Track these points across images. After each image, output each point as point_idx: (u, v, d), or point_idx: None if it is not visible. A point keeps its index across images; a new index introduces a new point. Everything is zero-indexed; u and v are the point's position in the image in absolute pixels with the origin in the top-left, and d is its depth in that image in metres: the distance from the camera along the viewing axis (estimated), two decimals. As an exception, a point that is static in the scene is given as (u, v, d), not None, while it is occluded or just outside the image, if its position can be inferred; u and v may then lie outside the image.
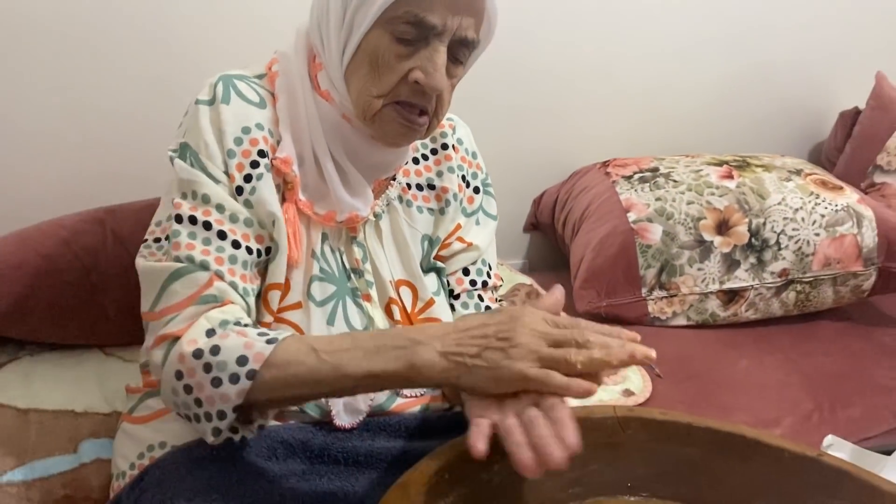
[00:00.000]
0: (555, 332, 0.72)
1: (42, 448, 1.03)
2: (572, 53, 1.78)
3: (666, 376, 1.39)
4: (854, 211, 1.60)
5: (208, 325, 0.76)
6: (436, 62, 0.81)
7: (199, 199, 0.82)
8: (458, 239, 1.01)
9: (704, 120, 2.00)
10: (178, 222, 0.82)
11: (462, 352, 0.71)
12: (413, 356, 0.72)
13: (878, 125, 1.98)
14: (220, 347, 0.74)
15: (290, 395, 0.76)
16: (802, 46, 2.04)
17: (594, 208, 1.67)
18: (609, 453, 0.80)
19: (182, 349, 0.75)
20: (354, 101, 0.85)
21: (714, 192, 1.61)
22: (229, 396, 0.73)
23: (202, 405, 0.74)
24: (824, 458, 0.78)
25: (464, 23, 0.81)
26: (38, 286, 1.15)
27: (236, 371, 0.73)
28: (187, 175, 0.83)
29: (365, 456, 0.87)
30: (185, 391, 0.74)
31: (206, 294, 0.79)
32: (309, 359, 0.73)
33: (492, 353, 0.71)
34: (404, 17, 0.79)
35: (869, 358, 1.53)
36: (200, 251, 0.80)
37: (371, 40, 0.82)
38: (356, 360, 0.73)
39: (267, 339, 0.74)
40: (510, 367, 0.69)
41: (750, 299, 1.59)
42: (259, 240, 0.85)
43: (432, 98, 0.85)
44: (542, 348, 0.70)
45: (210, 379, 0.73)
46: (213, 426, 0.74)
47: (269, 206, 0.84)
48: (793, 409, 1.35)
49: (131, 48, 1.39)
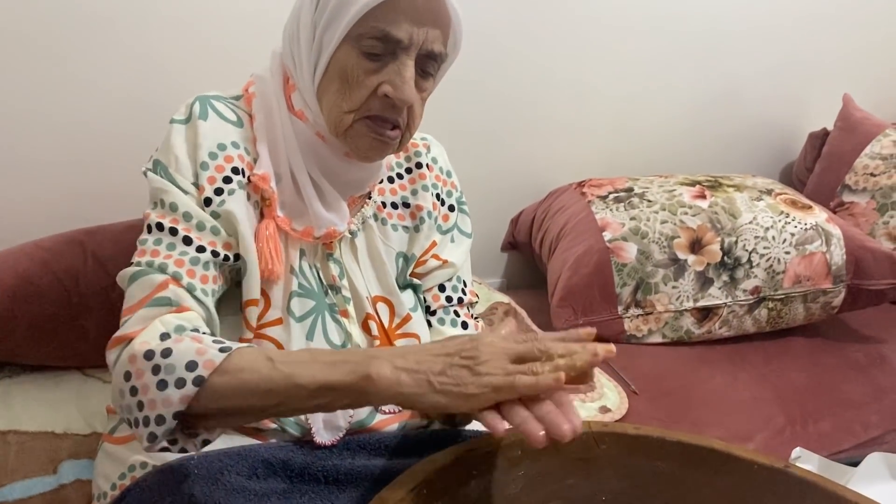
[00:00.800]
0: (516, 347, 0.73)
1: (21, 469, 1.02)
2: (547, 76, 1.81)
3: (642, 393, 1.41)
4: (823, 229, 1.64)
5: (163, 329, 0.76)
6: (404, 75, 0.83)
7: (167, 207, 0.84)
8: (433, 256, 1.03)
9: (677, 141, 2.03)
10: (148, 231, 0.83)
11: (424, 369, 0.71)
12: (368, 368, 0.71)
13: (846, 146, 2.03)
14: (171, 350, 0.72)
15: (240, 404, 0.73)
16: (772, 70, 2.09)
17: (570, 227, 1.69)
18: (584, 467, 0.82)
19: (133, 350, 0.74)
20: (326, 117, 0.87)
21: (687, 211, 1.64)
22: (172, 401, 0.70)
23: (143, 408, 0.72)
24: (791, 470, 0.80)
25: (430, 36, 0.83)
26: (17, 308, 1.15)
27: (183, 376, 0.71)
28: (158, 185, 0.85)
29: (345, 474, 0.87)
30: (131, 393, 0.73)
31: (160, 296, 0.78)
32: (263, 367, 0.72)
33: (457, 370, 0.71)
34: (371, 32, 0.81)
35: (839, 373, 1.56)
36: (163, 256, 0.81)
37: (340, 57, 0.84)
38: (311, 371, 0.72)
39: (220, 347, 0.73)
40: (478, 382, 0.70)
41: (723, 316, 1.62)
42: (226, 247, 0.85)
43: (403, 111, 0.86)
44: (507, 364, 0.71)
45: (156, 381, 0.71)
46: (150, 431, 0.71)
47: (237, 222, 0.85)
48: (765, 424, 1.37)
49: (109, 66, 1.39)
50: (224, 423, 0.77)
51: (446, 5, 0.84)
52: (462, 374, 0.71)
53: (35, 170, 1.39)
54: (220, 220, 0.85)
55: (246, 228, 0.86)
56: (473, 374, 0.70)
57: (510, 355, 0.72)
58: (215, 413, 0.73)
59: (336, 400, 0.74)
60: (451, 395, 0.70)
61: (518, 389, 0.69)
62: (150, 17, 1.40)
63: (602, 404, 1.31)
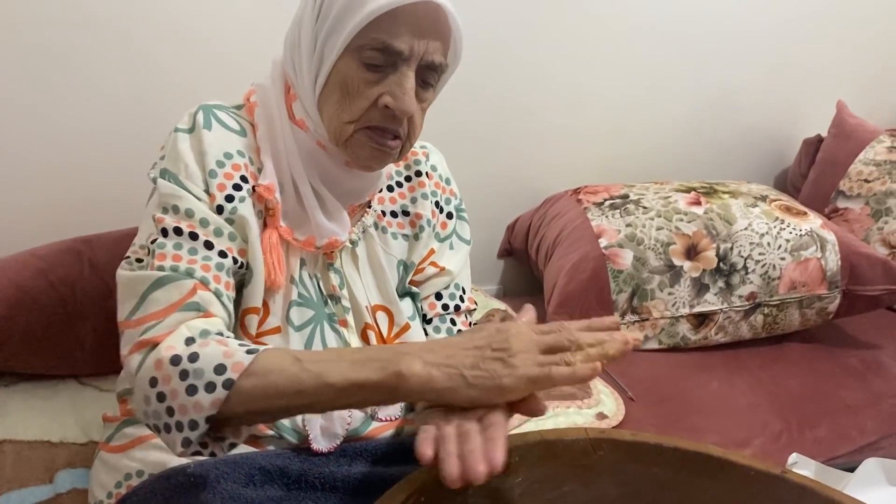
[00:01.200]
0: (545, 337, 0.74)
1: (17, 479, 1.02)
2: (544, 83, 1.82)
3: (638, 399, 1.42)
4: (818, 235, 1.64)
5: (188, 334, 0.75)
6: (404, 86, 0.84)
7: (183, 213, 0.83)
8: (431, 264, 1.03)
9: (673, 148, 2.04)
10: (164, 235, 0.82)
11: (455, 363, 0.71)
12: (398, 365, 0.71)
13: (840, 152, 2.04)
14: (198, 355, 0.72)
15: (269, 406, 0.73)
16: (766, 76, 2.10)
17: (566, 234, 1.70)
18: (582, 474, 0.82)
19: (160, 355, 0.73)
20: (327, 127, 0.87)
21: (682, 218, 1.65)
22: (203, 406, 0.70)
23: (174, 414, 0.71)
24: (788, 476, 0.80)
25: (430, 47, 0.84)
26: (14, 317, 1.15)
27: (213, 380, 0.71)
28: (170, 191, 0.84)
29: (342, 481, 0.87)
30: (158, 399, 0.72)
31: (190, 302, 0.78)
32: (292, 367, 0.72)
33: (490, 363, 0.71)
34: (371, 43, 0.82)
35: (835, 379, 1.56)
36: (186, 261, 0.81)
37: (341, 68, 0.84)
38: (339, 370, 0.72)
39: (247, 350, 0.73)
40: (513, 374, 0.70)
41: (719, 322, 1.62)
42: (241, 253, 0.85)
43: (403, 122, 0.87)
44: (539, 356, 0.72)
45: (185, 387, 0.71)
46: (184, 437, 0.71)
47: (249, 229, 0.85)
48: (762, 429, 1.38)
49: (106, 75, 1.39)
50: (251, 423, 0.77)
51: (447, 17, 0.84)
52: (496, 367, 0.71)
53: (31, 177, 1.39)
54: (234, 227, 0.85)
55: (254, 236, 0.86)
56: (507, 366, 0.71)
57: (540, 346, 0.73)
58: (243, 415, 0.73)
59: (367, 398, 0.73)
60: (486, 389, 0.71)
61: (555, 380, 0.70)
62: (147, 29, 1.40)
63: (599, 410, 1.31)
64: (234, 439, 0.76)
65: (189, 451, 0.72)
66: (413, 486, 0.73)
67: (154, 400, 0.72)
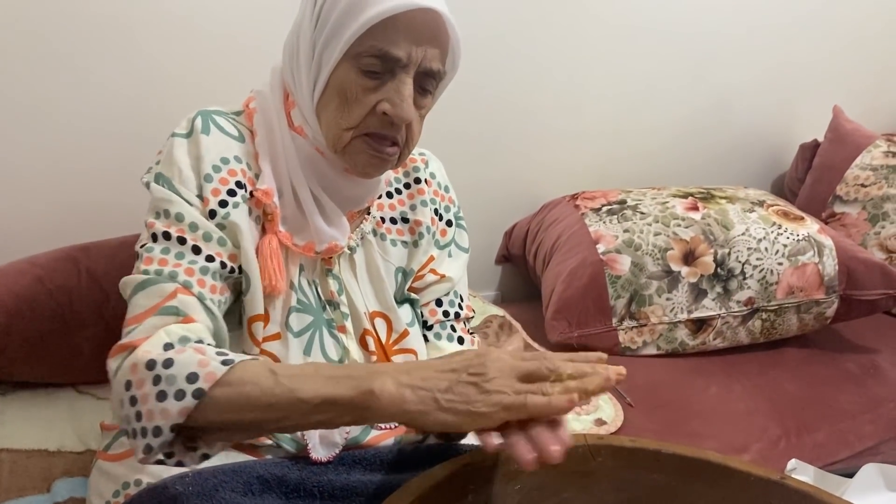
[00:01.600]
0: (524, 364, 0.73)
1: (15, 488, 1.02)
2: (541, 90, 1.83)
3: (637, 405, 1.42)
4: (815, 240, 1.65)
5: (167, 339, 0.75)
6: (402, 93, 0.84)
7: (173, 217, 0.83)
8: (431, 271, 1.04)
9: (670, 154, 2.05)
10: (154, 240, 0.83)
11: (429, 386, 0.70)
12: (371, 384, 0.70)
13: (836, 157, 2.05)
14: (173, 361, 0.71)
15: (240, 419, 0.72)
16: (763, 82, 2.12)
17: (564, 240, 1.70)
18: (581, 480, 0.82)
19: (136, 359, 0.73)
20: (325, 134, 0.88)
21: (680, 223, 1.65)
22: (170, 413, 0.69)
23: (141, 419, 0.70)
24: (787, 481, 0.80)
25: (428, 54, 0.84)
26: (12, 325, 1.15)
27: (183, 388, 0.70)
28: (162, 195, 0.84)
29: (341, 490, 0.86)
30: (131, 403, 0.71)
31: (168, 305, 0.78)
32: (265, 381, 0.71)
33: (464, 387, 0.70)
34: (370, 51, 0.82)
35: (833, 384, 1.57)
36: (172, 265, 0.81)
37: (339, 75, 0.85)
38: (313, 386, 0.71)
39: (223, 360, 0.72)
40: (487, 400, 0.69)
41: (717, 328, 1.62)
42: (232, 258, 0.85)
43: (401, 128, 0.87)
44: (516, 383, 0.71)
45: (156, 392, 0.70)
46: (146, 443, 0.70)
47: (241, 235, 0.85)
48: (761, 435, 1.38)
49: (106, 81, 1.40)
50: (225, 438, 0.76)
51: (445, 24, 0.84)
52: (470, 392, 0.70)
53: (28, 184, 1.39)
54: (225, 232, 0.85)
55: (248, 243, 0.86)
56: (482, 391, 0.70)
57: (518, 373, 0.72)
58: (216, 426, 0.72)
59: (338, 416, 0.72)
60: (459, 414, 0.70)
61: (529, 410, 0.69)
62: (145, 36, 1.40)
63: (597, 417, 1.32)
64: (207, 450, 0.74)
65: (150, 458, 0.71)
66: (412, 494, 0.73)
67: (127, 403, 0.72)
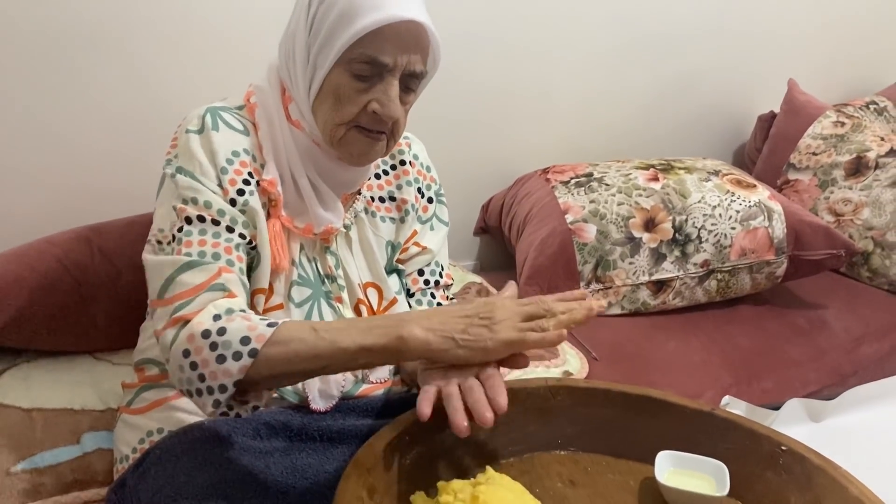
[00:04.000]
0: (525, 308, 0.86)
1: (48, 441, 1.14)
2: (511, 71, 1.92)
3: (602, 359, 1.54)
4: (765, 206, 1.77)
5: (216, 311, 0.86)
6: (390, 94, 0.94)
7: (202, 204, 0.93)
8: (414, 244, 1.14)
9: (635, 128, 2.15)
10: (188, 223, 0.92)
11: (449, 329, 0.83)
12: (401, 330, 0.82)
13: (791, 127, 2.17)
14: (225, 329, 0.83)
15: (291, 369, 0.83)
16: (722, 56, 2.21)
17: (536, 212, 1.81)
18: (542, 416, 0.95)
19: (192, 330, 0.84)
20: (322, 129, 0.98)
21: (641, 193, 1.78)
22: (231, 372, 0.81)
23: (205, 380, 0.82)
24: (717, 412, 0.93)
25: (412, 59, 0.94)
26: (34, 299, 1.25)
27: (239, 350, 0.81)
28: (188, 185, 0.94)
29: (337, 433, 0.99)
30: (191, 367, 0.83)
31: (215, 283, 0.88)
32: (309, 336, 0.83)
33: (477, 329, 0.83)
34: (360, 57, 0.92)
35: (783, 337, 1.69)
36: (211, 244, 0.91)
37: (333, 78, 0.94)
38: (351, 336, 0.82)
39: (268, 324, 0.84)
40: (495, 338, 0.82)
41: (676, 288, 1.75)
42: (253, 237, 0.96)
43: (389, 124, 0.97)
44: (518, 322, 0.84)
45: (215, 356, 0.81)
46: (214, 398, 0.82)
47: (258, 218, 0.96)
48: (714, 383, 1.50)
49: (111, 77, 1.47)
50: (274, 386, 0.89)
51: (426, 32, 0.94)
52: (482, 332, 0.83)
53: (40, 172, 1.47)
54: (246, 216, 0.95)
55: (262, 225, 0.97)
56: (491, 331, 0.83)
57: (521, 315, 0.85)
58: (268, 379, 0.84)
59: (374, 359, 0.85)
60: (473, 350, 0.82)
61: (528, 343, 0.83)
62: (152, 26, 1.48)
63: (565, 370, 1.44)
64: (257, 402, 0.87)
65: (218, 411, 0.84)
66: (400, 428, 0.85)
67: (188, 368, 0.83)
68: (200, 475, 0.90)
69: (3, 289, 1.23)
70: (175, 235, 0.93)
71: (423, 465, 0.86)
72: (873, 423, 1.24)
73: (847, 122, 2.12)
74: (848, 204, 2.01)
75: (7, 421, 1.16)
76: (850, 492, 0.81)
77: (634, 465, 0.93)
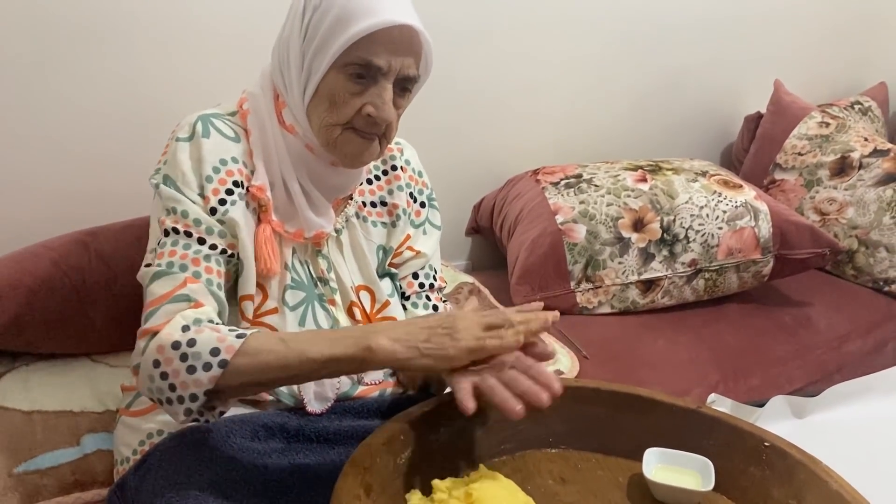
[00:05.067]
0: (485, 318, 0.88)
1: (48, 442, 1.15)
2: (502, 75, 1.94)
3: (592, 357, 1.56)
4: (751, 206, 1.81)
5: (184, 322, 0.87)
6: (384, 97, 0.96)
7: (180, 214, 0.96)
8: (408, 248, 1.16)
9: (624, 130, 2.17)
10: (166, 235, 0.95)
11: (413, 339, 0.86)
12: (369, 341, 0.84)
13: (777, 128, 2.21)
14: (195, 340, 0.85)
15: (260, 379, 0.87)
16: (709, 57, 2.23)
17: (526, 212, 1.83)
18: (533, 415, 0.92)
19: (161, 341, 0.86)
20: (316, 131, 0.99)
21: (630, 194, 1.80)
22: (202, 382, 0.84)
23: (176, 390, 0.85)
24: (703, 410, 0.97)
25: (405, 62, 0.96)
26: (32, 303, 1.26)
27: (209, 360, 0.84)
28: (170, 195, 0.96)
29: (334, 434, 1.01)
30: (161, 377, 0.85)
31: (179, 294, 0.90)
32: (278, 347, 0.85)
33: (439, 337, 0.86)
34: (355, 61, 0.93)
35: (769, 335, 1.72)
36: (179, 255, 0.93)
37: (328, 82, 0.96)
38: (319, 347, 0.85)
39: (237, 335, 0.86)
40: (456, 346, 0.85)
41: (665, 287, 1.78)
42: (231, 246, 0.98)
43: (382, 126, 0.99)
44: (479, 332, 0.87)
45: (185, 367, 0.84)
46: (186, 407, 0.85)
47: (238, 228, 0.97)
48: (701, 380, 1.54)
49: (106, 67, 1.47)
50: (243, 394, 0.92)
51: (419, 36, 0.96)
52: (443, 341, 0.86)
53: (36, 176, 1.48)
54: (224, 226, 0.97)
55: (245, 234, 0.98)
56: (452, 339, 0.85)
57: (481, 325, 0.87)
58: (237, 388, 0.87)
59: (341, 369, 0.89)
60: (435, 357, 0.85)
61: (487, 350, 0.86)
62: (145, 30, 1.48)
63: (556, 368, 1.46)
64: (223, 408, 0.90)
65: (189, 419, 0.87)
66: (396, 427, 0.88)
67: (157, 378, 0.86)
68: (200, 476, 0.92)
69: (0, 293, 1.24)
70: (156, 248, 0.96)
71: (418, 464, 0.88)
72: (854, 419, 1.27)
73: (832, 123, 2.15)
74: (833, 203, 2.04)
75: (8, 423, 1.18)
76: (830, 486, 0.84)
77: (623, 462, 0.96)
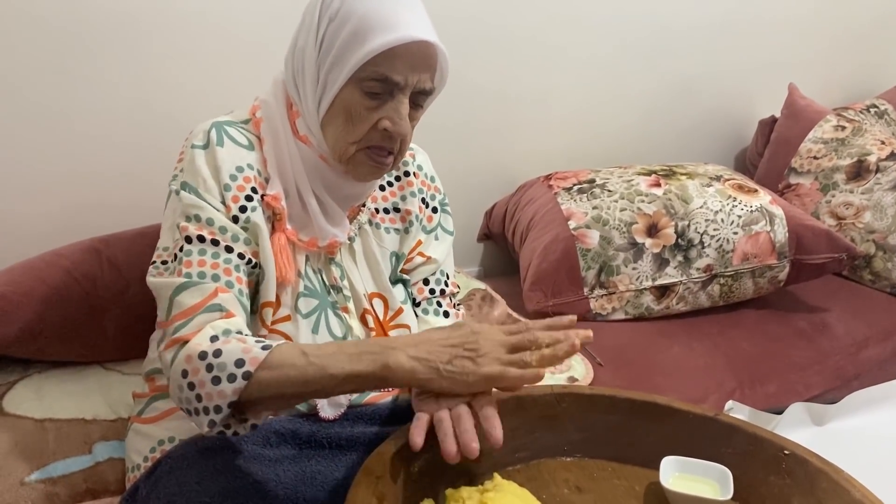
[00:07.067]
0: (511, 339, 0.87)
1: (60, 451, 1.15)
2: (515, 80, 1.94)
3: (606, 364, 1.55)
4: (767, 211, 1.79)
5: (213, 332, 0.87)
6: (401, 112, 0.95)
7: (204, 221, 0.95)
8: (419, 254, 1.16)
9: (635, 134, 2.17)
10: (188, 242, 0.94)
11: (434, 359, 0.85)
12: (387, 359, 0.84)
13: (792, 132, 2.19)
14: (221, 351, 0.84)
15: (282, 392, 0.85)
16: (722, 62, 2.23)
17: (539, 218, 1.82)
18: (548, 423, 0.96)
19: (189, 351, 0.86)
20: (331, 147, 0.99)
21: (644, 199, 1.79)
22: (226, 393, 0.83)
23: (202, 400, 0.84)
24: (721, 417, 0.95)
25: (422, 77, 0.95)
26: (45, 311, 1.26)
27: (234, 372, 0.83)
28: (192, 202, 0.96)
29: (346, 440, 1.00)
30: (189, 388, 0.85)
31: (212, 304, 0.90)
32: (299, 361, 0.84)
33: (461, 360, 0.85)
34: (372, 75, 0.93)
35: (786, 341, 1.70)
36: (210, 265, 0.93)
37: (344, 96, 0.95)
38: (339, 363, 0.84)
39: (262, 346, 0.85)
40: (477, 372, 0.84)
41: (680, 293, 1.77)
42: (254, 255, 0.98)
43: (398, 140, 0.99)
44: (503, 355, 0.86)
45: (210, 378, 0.83)
46: (210, 419, 0.84)
47: (260, 236, 0.97)
48: (717, 387, 1.52)
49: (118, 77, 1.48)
50: (269, 408, 0.90)
51: (436, 51, 0.96)
52: (465, 364, 0.85)
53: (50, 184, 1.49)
54: (248, 233, 0.97)
55: (265, 240, 0.98)
56: (475, 364, 0.85)
57: (506, 346, 0.86)
58: (262, 400, 0.86)
59: (361, 385, 0.88)
60: (455, 382, 0.85)
61: (507, 380, 0.85)
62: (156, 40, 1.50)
63: (570, 375, 1.45)
64: (255, 420, 0.88)
65: (214, 430, 0.86)
66: (407, 435, 0.86)
67: (186, 388, 0.85)
68: (212, 483, 0.91)
69: (13, 301, 1.24)
70: (177, 255, 0.95)
71: (432, 473, 0.87)
72: (876, 426, 1.25)
73: (848, 126, 2.13)
74: (849, 207, 2.02)
75: (20, 431, 1.17)
76: (852, 495, 0.82)
77: (639, 471, 0.94)
